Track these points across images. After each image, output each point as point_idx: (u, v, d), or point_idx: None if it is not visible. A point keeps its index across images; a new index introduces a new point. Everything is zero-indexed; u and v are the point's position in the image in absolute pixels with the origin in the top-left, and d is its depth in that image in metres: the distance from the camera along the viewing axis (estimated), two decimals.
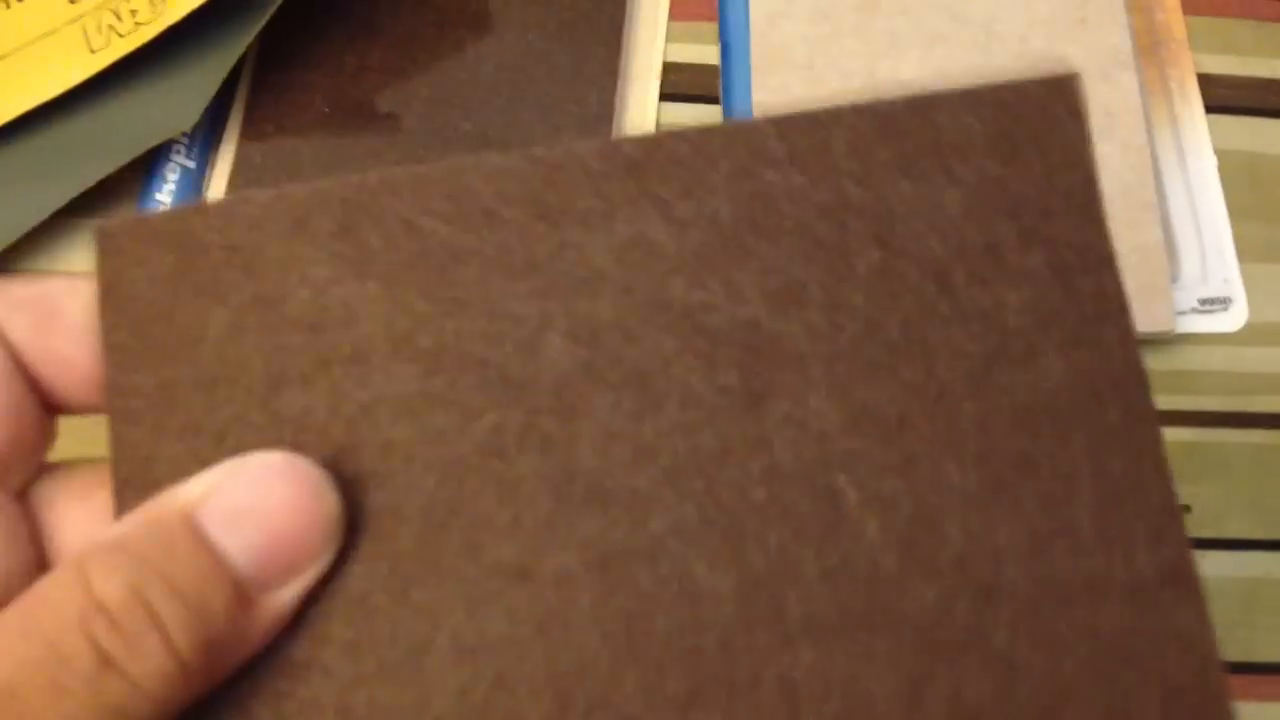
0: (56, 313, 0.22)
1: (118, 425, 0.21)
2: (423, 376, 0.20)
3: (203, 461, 0.20)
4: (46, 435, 0.23)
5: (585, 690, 0.19)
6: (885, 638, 0.19)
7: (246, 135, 0.44)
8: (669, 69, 0.46)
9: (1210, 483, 0.40)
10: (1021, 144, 0.21)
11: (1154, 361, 0.41)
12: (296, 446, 0.20)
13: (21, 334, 0.22)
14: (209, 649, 0.18)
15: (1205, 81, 0.46)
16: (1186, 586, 0.20)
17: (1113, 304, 0.20)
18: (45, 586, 0.18)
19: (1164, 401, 0.41)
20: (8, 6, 0.44)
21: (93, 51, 0.42)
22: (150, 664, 0.17)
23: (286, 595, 0.19)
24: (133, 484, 0.20)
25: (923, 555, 0.19)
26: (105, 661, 0.17)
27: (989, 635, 0.19)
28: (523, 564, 0.20)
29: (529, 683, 0.19)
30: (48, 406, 0.23)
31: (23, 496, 0.23)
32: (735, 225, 0.21)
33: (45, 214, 0.41)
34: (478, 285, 0.21)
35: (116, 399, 0.21)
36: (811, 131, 0.21)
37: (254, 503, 0.19)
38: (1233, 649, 0.38)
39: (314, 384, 0.20)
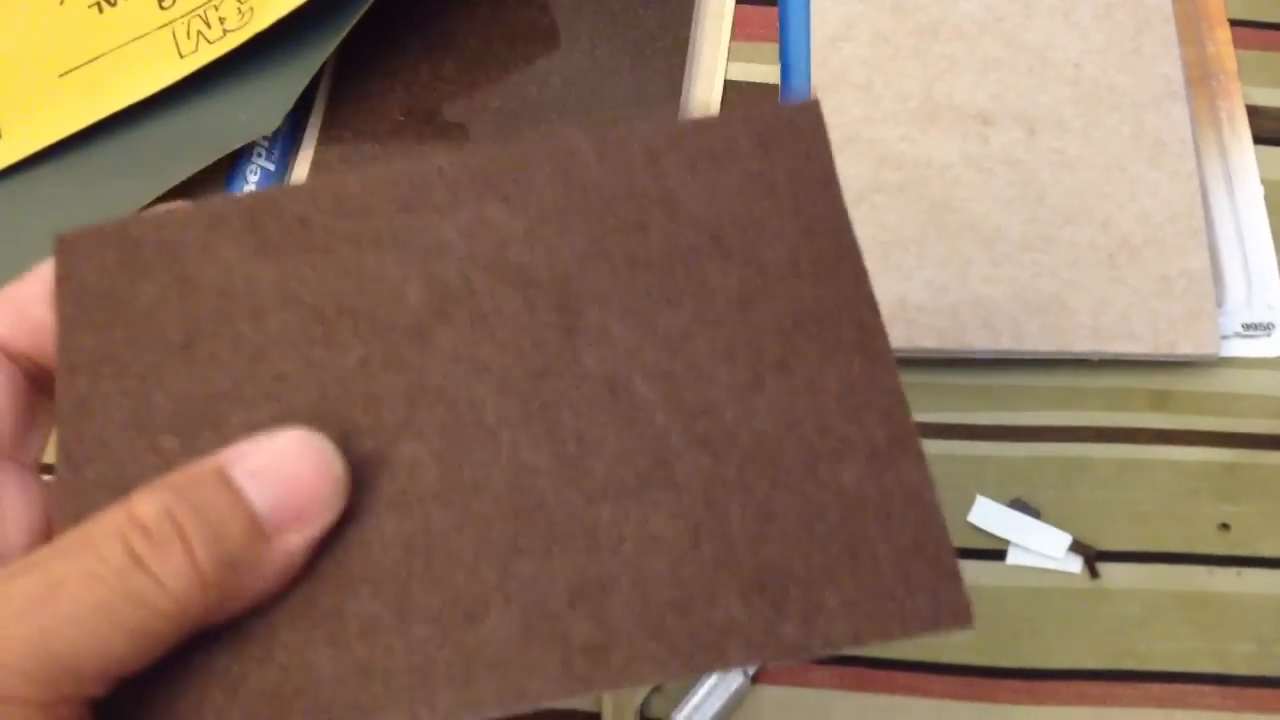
0: (30, 307, 0.26)
1: (62, 374, 0.25)
2: (308, 324, 0.25)
3: (128, 394, 0.25)
4: (44, 412, 0.27)
5: (430, 545, 0.24)
6: (670, 495, 0.24)
7: (324, 140, 0.46)
8: (730, 87, 0.48)
9: (1250, 503, 0.41)
10: (778, 146, 0.27)
11: (1197, 384, 0.43)
12: (206, 380, 0.25)
13: (5, 329, 0.26)
14: (225, 565, 0.21)
15: (1254, 113, 0.47)
16: (911, 450, 0.24)
17: (848, 252, 0.26)
18: (96, 515, 0.21)
19: (1205, 423, 0.42)
20: (100, 11, 0.46)
21: (182, 56, 0.44)
22: (173, 566, 0.21)
23: (296, 539, 0.23)
24: (70, 413, 0.25)
25: (700, 434, 0.25)
26: (135, 560, 0.21)
27: (752, 490, 0.24)
28: (381, 452, 0.25)
29: (384, 542, 0.24)
30: (40, 387, 0.27)
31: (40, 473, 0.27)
32: (556, 207, 0.26)
33: (132, 210, 0.43)
34: (353, 258, 0.26)
35: (63, 354, 0.25)
36: (615, 141, 0.27)
37: (276, 462, 0.23)
38: (1269, 665, 0.39)
39: (220, 335, 0.25)
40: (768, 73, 0.48)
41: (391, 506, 0.24)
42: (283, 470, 0.23)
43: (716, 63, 0.48)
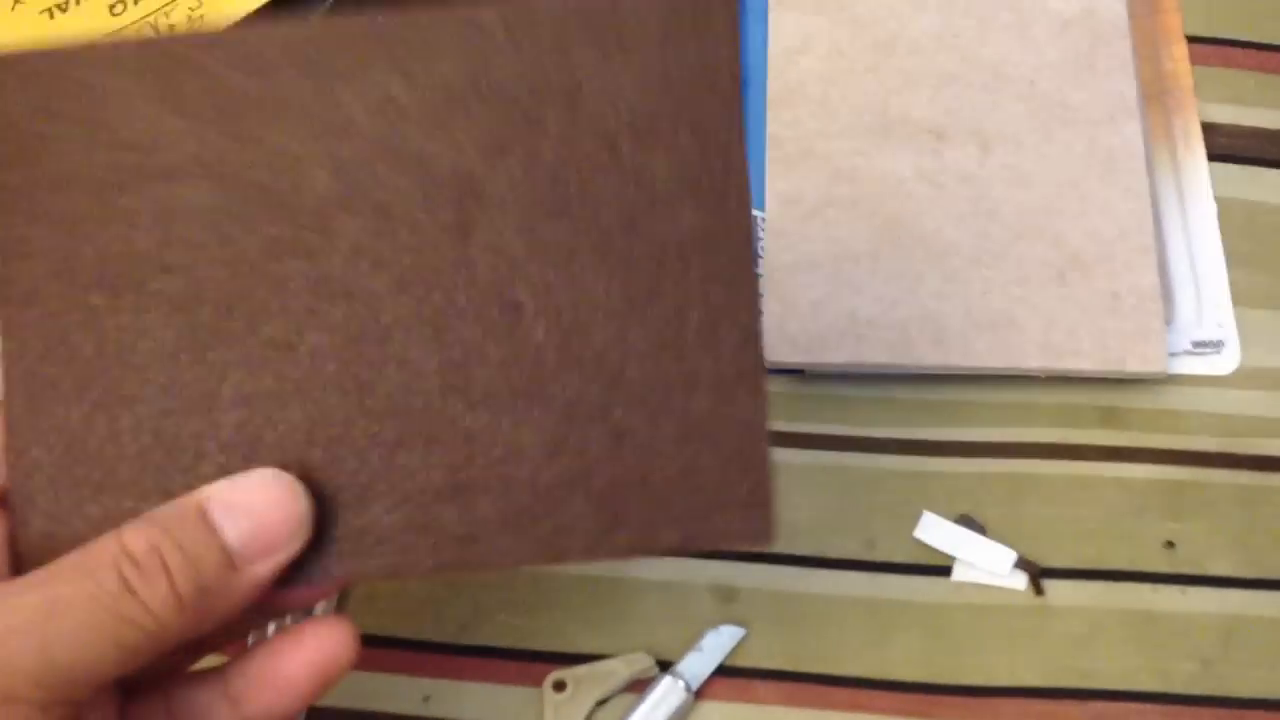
0: None
1: None
2: (217, 193, 0.27)
3: (55, 242, 0.27)
4: None
5: (326, 431, 0.27)
6: (540, 409, 0.27)
7: None
8: None
9: (1196, 521, 0.41)
10: (684, 30, 0.27)
11: (1146, 401, 0.43)
12: (127, 240, 0.27)
13: None
14: (200, 592, 0.25)
15: (1209, 130, 0.47)
16: (754, 385, 0.27)
17: (736, 177, 0.27)
18: (91, 543, 0.25)
19: (1154, 441, 0.42)
20: (52, 17, 0.46)
21: None
22: (158, 594, 0.24)
23: (262, 569, 0.26)
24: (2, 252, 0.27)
25: (574, 352, 0.27)
26: (127, 587, 0.24)
27: (611, 412, 0.27)
28: (288, 340, 0.27)
29: (287, 422, 0.27)
30: None
31: None
32: (459, 91, 0.27)
33: None
34: (261, 127, 0.27)
35: None
36: (525, 19, 0.27)
37: (248, 500, 0.26)
38: (1211, 684, 0.39)
39: (136, 192, 0.27)
40: None
41: (296, 392, 0.27)
42: (254, 508, 0.26)
43: None
